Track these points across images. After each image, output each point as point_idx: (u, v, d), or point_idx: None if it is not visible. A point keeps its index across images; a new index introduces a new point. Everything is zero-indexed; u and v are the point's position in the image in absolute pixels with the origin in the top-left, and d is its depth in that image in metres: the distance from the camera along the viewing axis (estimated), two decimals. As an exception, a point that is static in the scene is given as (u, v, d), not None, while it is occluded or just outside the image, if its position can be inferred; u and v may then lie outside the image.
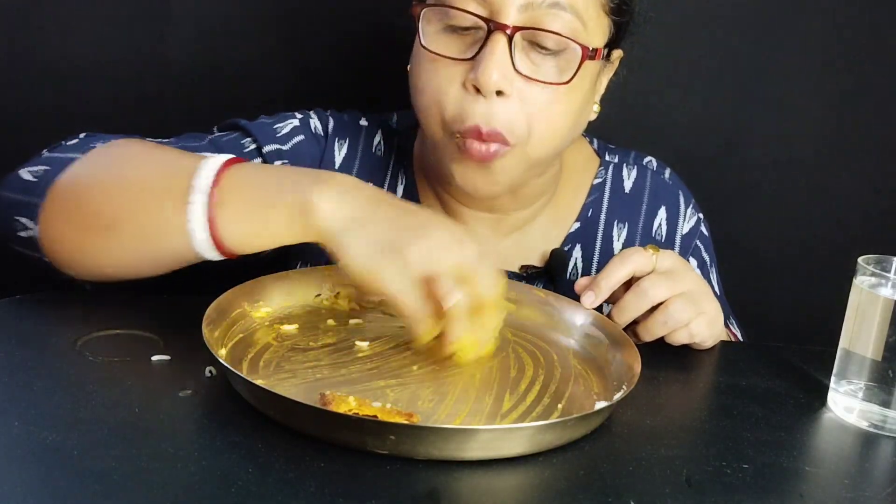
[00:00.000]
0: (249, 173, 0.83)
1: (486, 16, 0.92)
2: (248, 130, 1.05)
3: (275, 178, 0.83)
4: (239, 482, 0.64)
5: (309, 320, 0.90)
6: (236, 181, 0.81)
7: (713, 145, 1.44)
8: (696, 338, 0.93)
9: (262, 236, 0.81)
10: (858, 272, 0.86)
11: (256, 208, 0.80)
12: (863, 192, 1.45)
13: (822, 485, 0.74)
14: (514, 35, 0.92)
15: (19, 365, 0.78)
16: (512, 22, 0.92)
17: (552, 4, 0.92)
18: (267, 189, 0.81)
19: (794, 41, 1.39)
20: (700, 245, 1.16)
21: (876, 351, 0.84)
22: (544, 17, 0.93)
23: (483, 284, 0.80)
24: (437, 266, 0.77)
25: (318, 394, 0.74)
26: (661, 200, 1.15)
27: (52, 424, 0.69)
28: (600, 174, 1.14)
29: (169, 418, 0.72)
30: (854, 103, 1.41)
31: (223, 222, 0.80)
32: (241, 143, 1.05)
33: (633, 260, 0.91)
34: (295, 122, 1.09)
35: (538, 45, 0.94)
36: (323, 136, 1.10)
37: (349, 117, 1.13)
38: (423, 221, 0.80)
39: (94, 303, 0.90)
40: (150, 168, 0.85)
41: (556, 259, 1.09)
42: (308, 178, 0.81)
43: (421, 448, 0.68)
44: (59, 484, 0.62)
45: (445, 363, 0.84)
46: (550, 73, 0.95)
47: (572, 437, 0.74)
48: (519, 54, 0.93)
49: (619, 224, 1.13)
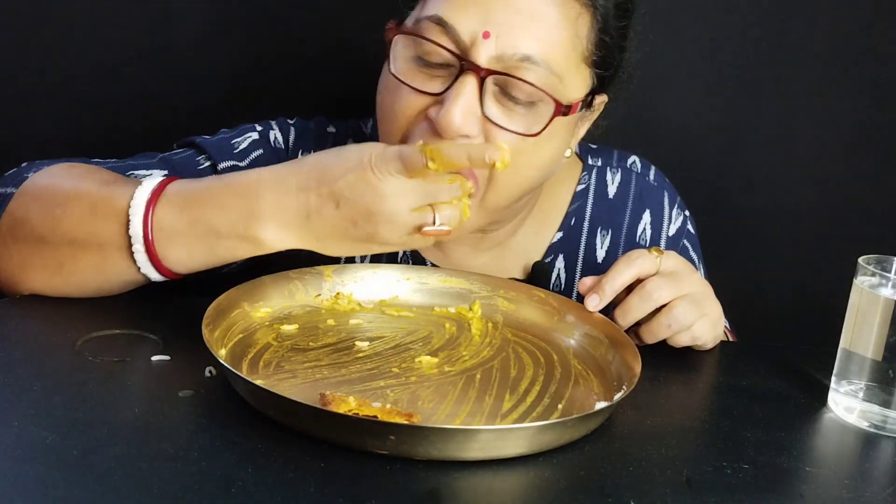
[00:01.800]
0: (178, 205, 0.85)
1: (458, 53, 0.90)
2: (202, 147, 1.03)
3: (205, 209, 0.84)
4: (239, 482, 0.64)
5: (309, 320, 0.90)
6: (170, 220, 0.84)
7: (713, 145, 1.43)
8: (698, 340, 0.93)
9: (217, 262, 0.87)
10: (858, 272, 0.86)
11: (201, 245, 0.85)
12: (863, 192, 1.45)
13: (822, 485, 0.74)
14: (486, 78, 0.89)
15: (19, 365, 0.78)
16: (485, 65, 0.89)
17: (524, 58, 0.89)
18: (203, 225, 0.84)
19: (794, 41, 1.39)
20: (688, 244, 1.15)
21: (876, 351, 0.84)
22: (516, 69, 0.89)
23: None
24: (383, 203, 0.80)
25: (319, 394, 0.74)
26: (646, 204, 1.13)
27: (52, 424, 0.69)
28: (583, 180, 1.12)
29: (169, 418, 0.72)
30: (854, 103, 1.41)
31: (171, 261, 0.86)
32: (196, 160, 1.02)
33: (638, 263, 0.91)
34: (254, 136, 1.06)
35: (509, 94, 0.90)
36: (283, 148, 1.07)
37: (315, 125, 1.10)
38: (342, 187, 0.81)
39: (94, 303, 0.90)
40: (83, 209, 0.87)
41: (539, 272, 1.08)
42: (237, 212, 0.83)
43: (421, 448, 0.68)
44: (59, 484, 0.62)
45: (448, 360, 0.84)
46: (520, 122, 0.91)
47: (572, 438, 0.74)
48: (489, 99, 0.90)
49: (603, 231, 1.11)
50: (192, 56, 1.36)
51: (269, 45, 1.36)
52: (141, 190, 0.85)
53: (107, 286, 0.89)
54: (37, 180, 0.91)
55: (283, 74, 1.38)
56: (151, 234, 0.84)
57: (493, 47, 0.89)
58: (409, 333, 0.90)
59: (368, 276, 0.96)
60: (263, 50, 1.37)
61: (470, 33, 0.89)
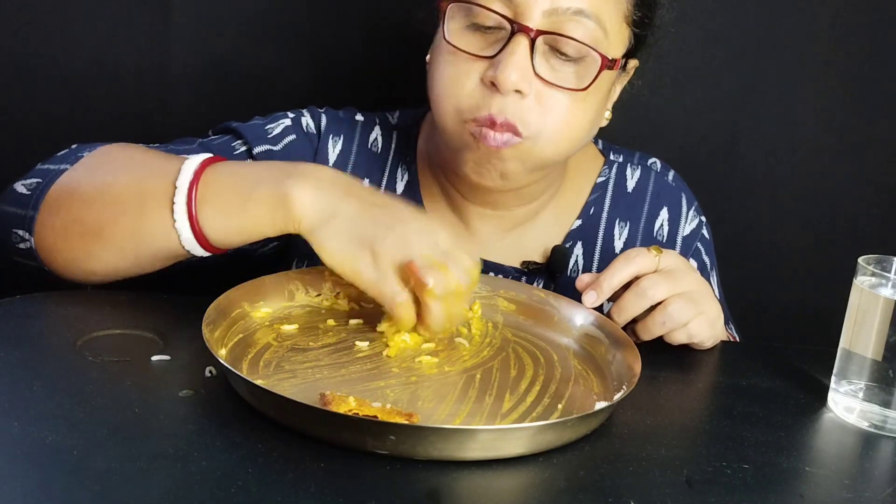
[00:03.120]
0: (227, 170, 0.88)
1: (510, 16, 0.93)
2: (238, 132, 1.06)
3: (252, 173, 0.88)
4: (239, 482, 0.64)
5: (309, 320, 0.90)
6: (215, 178, 0.86)
7: (713, 145, 1.44)
8: (694, 338, 0.93)
9: (244, 230, 0.86)
10: (858, 272, 0.86)
11: (236, 203, 0.85)
12: (863, 192, 1.45)
13: (822, 485, 0.74)
14: (537, 38, 0.93)
15: (19, 365, 0.78)
16: (535, 25, 0.93)
17: (577, 11, 0.93)
18: (245, 184, 0.86)
19: (794, 41, 1.39)
20: (701, 247, 1.16)
21: (876, 351, 0.84)
22: (567, 24, 0.93)
23: (456, 269, 0.84)
24: (411, 253, 0.83)
25: (319, 394, 0.74)
26: (664, 201, 1.15)
27: (52, 424, 0.69)
28: (604, 173, 1.15)
29: (169, 418, 0.72)
30: (854, 103, 1.41)
31: (204, 219, 0.86)
32: (232, 145, 1.05)
33: (637, 261, 0.91)
34: (287, 122, 1.09)
35: (559, 50, 0.95)
36: (315, 133, 1.10)
37: (344, 114, 1.13)
38: (396, 213, 0.86)
39: (94, 303, 0.90)
40: (133, 173, 0.90)
41: (558, 256, 1.09)
42: (284, 171, 0.87)
43: (421, 448, 0.68)
44: (59, 484, 0.62)
45: (448, 360, 0.84)
46: (569, 78, 0.95)
47: (572, 438, 0.74)
48: (539, 58, 0.94)
49: (621, 223, 1.13)
50: (195, 58, 1.36)
51: (270, 47, 1.37)
52: (199, 156, 0.88)
53: (142, 252, 0.89)
54: (93, 154, 0.94)
55: (285, 76, 1.38)
56: (196, 188, 0.85)
57: (548, 1, 0.92)
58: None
59: (368, 276, 0.96)
60: (266, 52, 1.37)
61: None
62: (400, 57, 1.26)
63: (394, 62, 1.34)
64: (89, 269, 0.90)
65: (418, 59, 1.03)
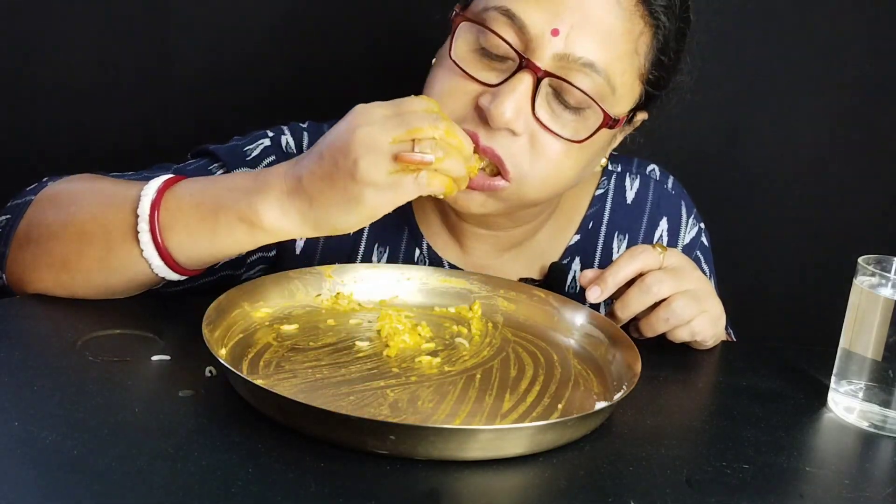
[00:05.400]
0: (187, 191, 0.86)
1: (520, 50, 0.90)
2: (216, 155, 1.03)
3: (213, 190, 0.86)
4: (239, 482, 0.64)
5: (309, 320, 0.90)
6: (176, 203, 0.85)
7: (713, 145, 1.44)
8: (697, 336, 0.93)
9: (218, 251, 0.86)
10: (858, 272, 0.86)
11: (204, 227, 0.84)
12: (863, 192, 1.45)
13: (822, 485, 0.74)
14: (543, 79, 0.90)
15: (19, 365, 0.77)
16: (544, 66, 0.90)
17: (587, 63, 0.90)
18: (208, 204, 0.84)
19: (794, 41, 1.39)
20: (700, 255, 1.15)
21: (876, 351, 0.84)
22: (576, 74, 0.90)
23: (425, 123, 0.80)
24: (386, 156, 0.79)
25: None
26: (663, 211, 1.14)
27: (52, 424, 0.69)
28: (602, 184, 1.13)
29: (169, 418, 0.72)
30: (854, 104, 1.41)
31: (173, 246, 0.85)
32: (209, 169, 1.02)
33: (642, 258, 0.91)
34: (266, 143, 1.05)
35: (562, 97, 0.91)
36: (296, 152, 1.06)
37: (328, 126, 1.09)
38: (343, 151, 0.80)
39: (94, 303, 0.90)
40: (95, 203, 0.89)
41: (555, 273, 1.08)
42: (244, 187, 0.84)
43: (421, 448, 0.68)
44: (59, 484, 0.62)
45: (448, 360, 0.84)
46: (567, 126, 0.92)
47: (572, 437, 0.74)
48: (541, 100, 0.91)
49: (620, 235, 1.12)
50: (196, 60, 1.36)
51: (272, 47, 1.37)
52: (156, 180, 0.87)
53: (113, 282, 0.89)
54: (55, 186, 0.93)
55: (287, 77, 1.38)
56: (158, 214, 0.84)
57: (562, 45, 0.89)
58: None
59: (368, 276, 0.96)
60: (267, 53, 1.37)
61: (538, 28, 0.90)
62: (403, 64, 1.26)
63: (397, 68, 1.33)
64: (65, 294, 0.89)
65: (421, 68, 1.01)
